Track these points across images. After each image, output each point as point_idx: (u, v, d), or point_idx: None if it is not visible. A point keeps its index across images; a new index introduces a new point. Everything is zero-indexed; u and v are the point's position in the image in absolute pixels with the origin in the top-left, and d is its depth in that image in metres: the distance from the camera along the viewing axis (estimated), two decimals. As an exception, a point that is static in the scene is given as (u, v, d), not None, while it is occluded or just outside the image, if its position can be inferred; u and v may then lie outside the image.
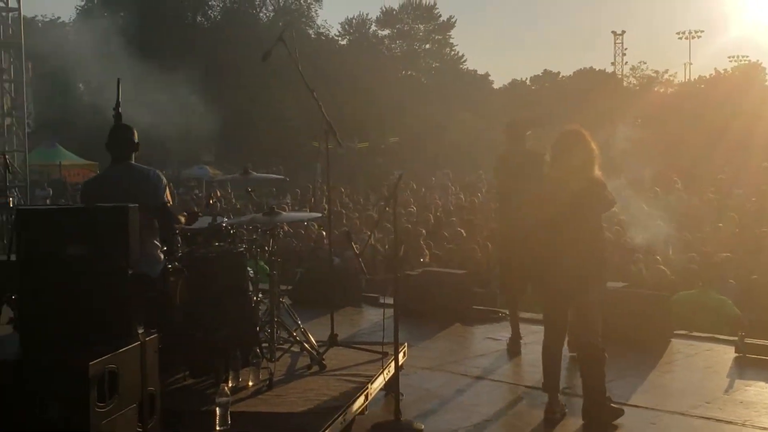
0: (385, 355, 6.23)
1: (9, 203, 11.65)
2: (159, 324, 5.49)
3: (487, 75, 68.38)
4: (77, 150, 34.54)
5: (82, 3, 56.74)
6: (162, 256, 5.69)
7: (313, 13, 61.31)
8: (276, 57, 6.38)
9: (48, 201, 21.66)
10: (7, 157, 13.54)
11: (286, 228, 15.14)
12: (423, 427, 5.81)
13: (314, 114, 6.52)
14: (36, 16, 54.28)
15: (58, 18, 56.57)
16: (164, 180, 5.75)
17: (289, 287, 10.35)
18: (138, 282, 4.63)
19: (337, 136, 6.40)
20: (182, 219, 5.99)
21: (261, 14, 56.82)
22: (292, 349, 6.51)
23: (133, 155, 5.80)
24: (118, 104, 6.16)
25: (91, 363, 3.98)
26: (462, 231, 14.12)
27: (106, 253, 4.36)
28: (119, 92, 6.21)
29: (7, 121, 18.85)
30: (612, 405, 6.01)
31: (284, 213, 6.51)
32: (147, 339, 4.53)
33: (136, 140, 5.80)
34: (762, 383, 6.91)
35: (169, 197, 5.73)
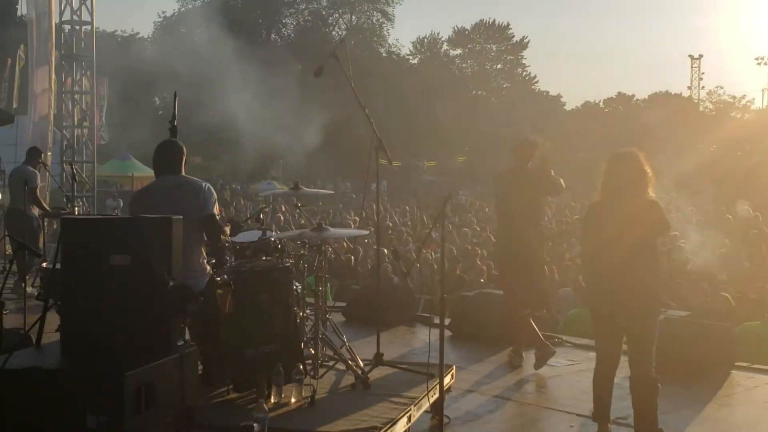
0: (431, 376, 6.14)
1: (75, 212, 11.90)
2: (203, 337, 5.55)
3: (559, 96, 67.73)
4: (151, 163, 35.33)
5: (160, 19, 58.22)
6: (208, 269, 5.73)
7: (384, 32, 61.78)
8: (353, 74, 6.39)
9: (117, 212, 22.15)
10: (75, 167, 13.86)
11: (345, 245, 15.20)
12: (466, 451, 5.72)
13: (387, 131, 6.53)
14: (116, 30, 55.84)
15: (137, 33, 58.05)
16: (214, 193, 5.81)
17: (344, 304, 10.35)
18: (181, 294, 4.66)
19: (387, 153, 6.38)
20: (227, 232, 6.03)
21: (334, 32, 57.44)
22: (337, 367, 6.47)
23: (183, 169, 5.88)
24: (174, 117, 6.26)
25: (127, 374, 4.02)
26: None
27: (148, 263, 4.41)
28: (176, 106, 6.31)
29: (77, 132, 19.33)
30: (664, 437, 5.82)
31: (332, 229, 6.49)
32: (186, 351, 4.56)
33: (185, 154, 5.88)
34: (825, 421, 6.63)
35: (218, 210, 5.78)
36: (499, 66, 65.91)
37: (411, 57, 64.13)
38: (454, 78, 59.77)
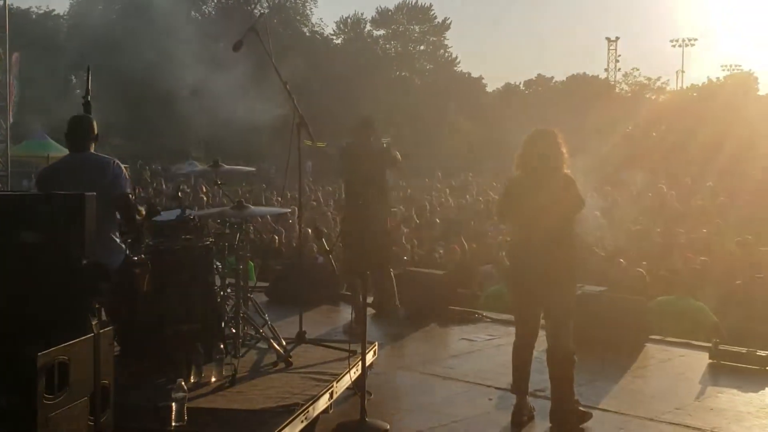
0: (353, 353, 6.14)
1: (-13, 192, 11.52)
2: (120, 316, 5.43)
3: (480, 78, 68.28)
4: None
5: (77, -4, 56.60)
6: (123, 247, 5.60)
7: (308, 11, 61.22)
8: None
9: (33, 193, 21.49)
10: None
11: (270, 225, 15.08)
12: (388, 427, 5.74)
13: (312, 112, 6.45)
14: (30, 7, 54.13)
15: (53, 11, 56.36)
16: (124, 170, 5.67)
17: (266, 284, 10.27)
18: (95, 272, 4.54)
19: (309, 129, 6.32)
20: (142, 212, 5.89)
21: (255, 10, 56.70)
22: (259, 345, 6.42)
23: (93, 145, 5.71)
24: (87, 92, 6.08)
25: (39, 354, 3.89)
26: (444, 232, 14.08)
27: (60, 241, 4.27)
28: (89, 81, 6.12)
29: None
30: (580, 408, 5.95)
31: (252, 207, 6.42)
32: (102, 331, 4.44)
33: (96, 131, 5.72)
34: (734, 390, 6.84)
35: (130, 189, 5.64)
36: (422, 47, 66.11)
37: (335, 37, 63.84)
38: (378, 59, 59.73)
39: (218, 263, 6.44)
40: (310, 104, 6.95)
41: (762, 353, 7.50)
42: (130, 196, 5.67)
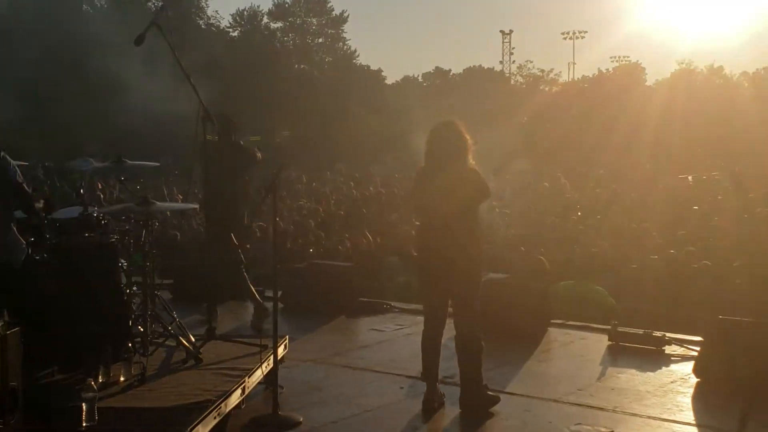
0: (264, 347, 6.12)
1: None
2: (26, 317, 5.27)
3: (380, 71, 68.62)
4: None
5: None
6: (24, 245, 5.44)
7: (203, 4, 60.14)
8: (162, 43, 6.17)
9: None
10: None
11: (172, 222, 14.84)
12: (301, 419, 5.76)
13: (209, 106, 6.34)
14: None
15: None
16: (11, 161, 5.48)
17: (171, 281, 10.10)
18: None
19: (215, 123, 6.25)
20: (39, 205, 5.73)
21: (150, 3, 55.47)
22: (168, 343, 6.33)
23: None
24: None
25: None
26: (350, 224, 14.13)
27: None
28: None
29: None
30: (489, 393, 6.08)
31: (158, 203, 6.31)
32: (8, 332, 4.33)
33: None
34: (633, 370, 7.11)
35: (21, 178, 5.46)
36: (320, 40, 65.87)
37: (231, 30, 62.95)
38: (277, 52, 59.24)
39: (123, 261, 6.31)
40: (209, 99, 6.84)
41: (658, 334, 7.81)
42: (23, 185, 5.48)
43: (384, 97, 58.67)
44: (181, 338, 6.23)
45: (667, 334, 7.84)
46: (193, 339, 6.35)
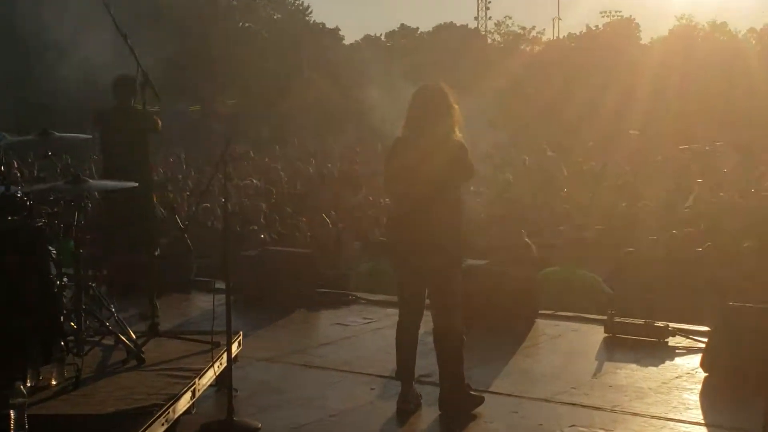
0: (215, 345, 6.15)
1: None
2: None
3: (337, 29, 68.33)
4: None
5: None
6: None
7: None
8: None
9: None
10: None
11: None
12: (260, 425, 5.81)
13: (152, 67, 6.33)
14: None
15: None
16: None
17: (106, 271, 10.05)
18: None
19: (155, 89, 6.23)
20: None
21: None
22: (105, 341, 6.32)
23: None
24: None
25: None
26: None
27: None
28: None
29: None
30: (471, 393, 6.17)
31: (91, 181, 6.28)
32: None
33: None
34: (632, 365, 7.25)
35: None
36: (267, -7, 65.39)
37: (165, -17, 62.30)
38: (217, 7, 58.70)
39: (52, 249, 6.27)
40: (145, 60, 6.75)
41: (660, 324, 7.94)
42: None
43: (342, 60, 58.48)
44: (120, 335, 6.22)
45: (670, 324, 7.98)
46: (134, 336, 6.34)
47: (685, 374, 6.99)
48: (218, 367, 6.07)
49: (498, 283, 8.67)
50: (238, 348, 6.70)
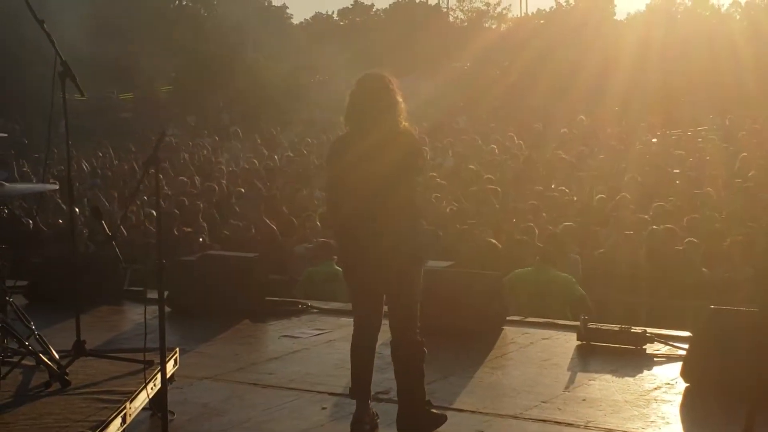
0: (148, 364, 6.09)
1: None
2: None
3: (284, 7, 68.28)
4: None
5: None
6: None
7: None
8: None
9: None
10: None
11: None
12: (199, 453, 5.78)
13: (69, 57, 6.25)
14: None
15: None
16: None
17: (24, 283, 9.97)
18: None
19: (76, 81, 6.16)
20: None
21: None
22: (25, 362, 6.25)
23: None
24: None
25: None
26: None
27: None
28: None
29: None
30: (433, 411, 6.16)
31: (8, 185, 6.21)
32: None
33: None
34: (608, 376, 7.31)
35: None
36: (207, -32, 65.00)
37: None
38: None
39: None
40: (66, 46, 6.66)
41: (637, 330, 8.01)
42: None
43: (290, 41, 58.33)
44: (41, 355, 6.15)
45: (649, 330, 8.06)
46: (57, 356, 6.28)
47: (664, 385, 7.06)
48: (152, 388, 6.01)
49: (462, 288, 8.68)
50: (174, 366, 6.66)
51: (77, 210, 11.87)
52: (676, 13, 54.23)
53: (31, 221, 13.70)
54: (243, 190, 16.52)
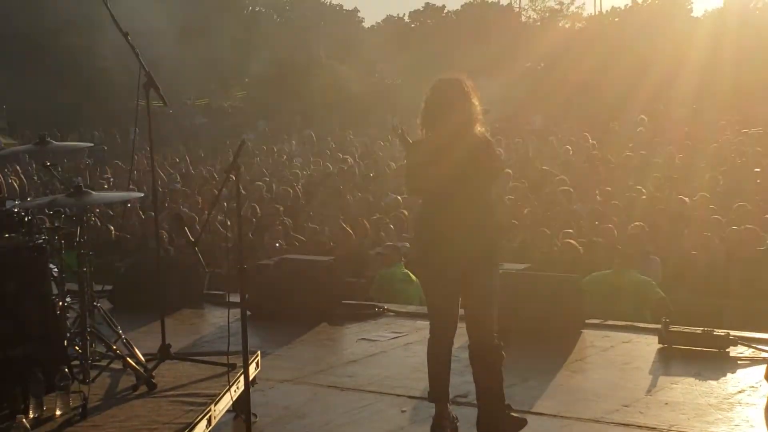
0: (231, 367, 6.19)
1: None
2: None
3: (356, 11, 68.50)
4: None
5: None
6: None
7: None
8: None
9: None
10: None
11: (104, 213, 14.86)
12: (282, 454, 5.85)
13: (156, 59, 6.41)
14: None
15: None
16: None
17: (109, 287, 10.15)
18: None
19: (160, 90, 6.29)
20: None
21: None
22: (112, 366, 6.39)
23: None
24: None
25: None
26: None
27: None
28: None
29: None
30: (512, 414, 6.16)
31: (95, 193, 6.34)
32: None
33: None
34: (690, 379, 7.22)
35: None
36: (278, -26, 65.49)
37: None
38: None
39: (54, 266, 6.35)
40: (146, 53, 6.77)
41: (720, 332, 7.91)
42: None
43: (361, 44, 58.52)
44: (128, 359, 6.29)
45: (732, 333, 7.96)
46: (143, 360, 6.41)
47: (748, 388, 6.97)
48: (235, 391, 6.11)
49: (539, 290, 8.66)
50: (256, 369, 6.75)
51: (159, 216, 12.08)
52: (754, 9, 53.22)
53: (114, 227, 13.99)
54: (317, 193, 16.62)
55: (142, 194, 6.44)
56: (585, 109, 34.59)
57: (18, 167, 22.22)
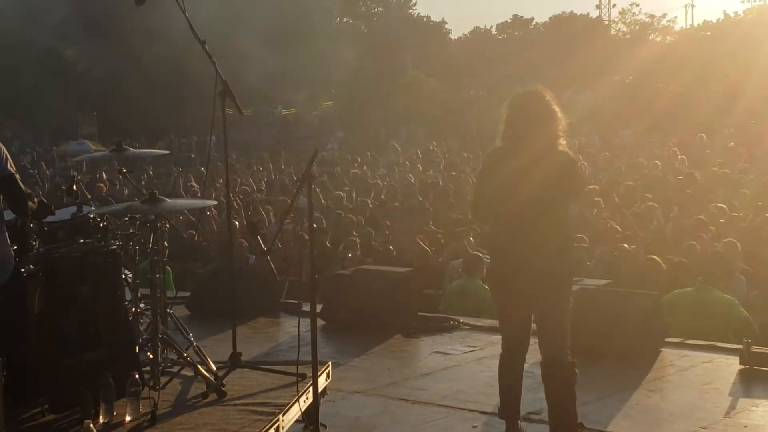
0: (301, 377, 6.20)
1: None
2: (8, 345, 5.42)
3: (443, 23, 68.54)
4: None
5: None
6: (14, 258, 5.58)
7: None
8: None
9: None
10: None
11: (184, 218, 15.04)
12: (350, 467, 5.83)
13: (229, 73, 6.46)
14: None
15: None
16: (3, 148, 5.63)
17: (187, 294, 10.27)
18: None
19: (236, 99, 6.34)
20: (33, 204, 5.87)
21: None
22: (183, 373, 6.45)
23: None
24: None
25: None
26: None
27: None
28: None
29: None
30: (585, 433, 6.08)
31: (169, 201, 6.41)
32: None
33: None
34: (772, 402, 7.05)
35: (14, 167, 5.60)
36: (367, -13, 65.95)
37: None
38: (312, 3, 59.45)
39: (127, 272, 6.42)
40: (224, 60, 6.87)
41: (803, 354, 7.70)
42: (16, 177, 5.64)
43: (448, 56, 58.58)
44: (199, 367, 6.33)
45: (817, 355, 7.74)
46: (214, 367, 6.45)
47: (834, 412, 6.77)
48: (304, 401, 6.10)
49: (619, 307, 8.51)
50: (326, 380, 6.75)
51: (236, 223, 12.19)
52: None
53: (194, 232, 14.14)
54: (397, 204, 16.61)
55: (215, 202, 6.48)
56: (676, 124, 34.14)
57: (104, 174, 22.70)
